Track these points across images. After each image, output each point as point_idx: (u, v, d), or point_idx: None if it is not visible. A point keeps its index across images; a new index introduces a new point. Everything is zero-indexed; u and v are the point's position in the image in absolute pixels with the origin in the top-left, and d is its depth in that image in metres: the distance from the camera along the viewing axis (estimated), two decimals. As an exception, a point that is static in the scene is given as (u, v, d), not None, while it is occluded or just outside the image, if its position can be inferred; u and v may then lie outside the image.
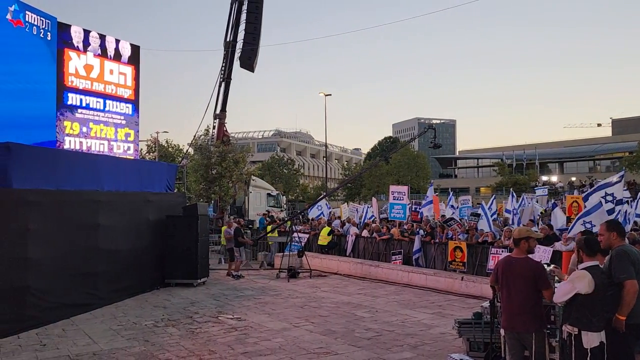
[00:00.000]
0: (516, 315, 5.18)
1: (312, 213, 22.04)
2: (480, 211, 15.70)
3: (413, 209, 18.20)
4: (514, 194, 20.39)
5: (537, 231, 7.01)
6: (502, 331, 5.92)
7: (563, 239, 12.03)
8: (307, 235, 18.84)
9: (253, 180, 27.18)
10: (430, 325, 9.34)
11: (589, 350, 4.79)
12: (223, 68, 23.58)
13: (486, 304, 7.15)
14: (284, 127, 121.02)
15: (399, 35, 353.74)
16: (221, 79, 23.80)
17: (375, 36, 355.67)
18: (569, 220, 13.23)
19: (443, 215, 18.83)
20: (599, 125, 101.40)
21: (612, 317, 5.11)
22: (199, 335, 8.57)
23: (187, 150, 29.94)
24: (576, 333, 4.88)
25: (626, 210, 13.26)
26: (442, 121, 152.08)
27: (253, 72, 23.18)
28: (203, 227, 14.09)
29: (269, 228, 19.36)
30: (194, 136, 24.88)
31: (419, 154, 68.66)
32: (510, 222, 16.85)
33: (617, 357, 5.05)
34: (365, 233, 17.65)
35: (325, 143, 58.21)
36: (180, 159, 28.40)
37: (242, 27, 22.92)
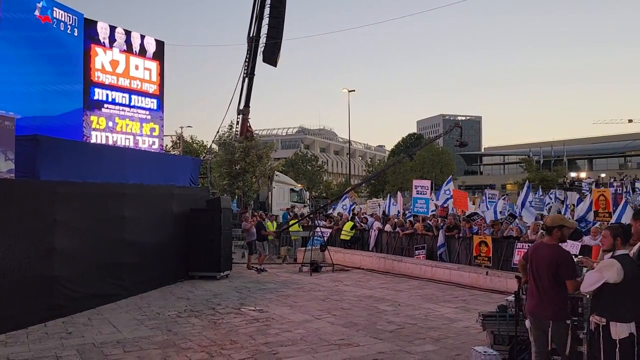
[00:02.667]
0: (538, 302, 5.14)
1: (338, 209, 22.02)
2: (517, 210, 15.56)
3: (442, 205, 17.99)
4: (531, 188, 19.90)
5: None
6: (527, 323, 5.81)
7: (592, 234, 11.76)
8: (329, 230, 18.81)
9: (276, 175, 27.27)
10: (454, 319, 9.21)
11: (617, 341, 4.65)
12: (246, 63, 23.70)
13: (511, 297, 7.02)
14: (308, 124, 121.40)
15: (423, 31, 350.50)
16: (244, 75, 23.93)
17: (399, 30, 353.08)
18: (596, 214, 12.91)
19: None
20: (630, 121, 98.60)
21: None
22: (220, 326, 8.63)
23: (210, 146, 30.23)
24: (604, 324, 4.75)
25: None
26: (467, 118, 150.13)
27: (275, 66, 23.23)
28: (226, 220, 14.18)
29: (292, 222, 19.39)
30: (217, 131, 25.08)
31: (443, 150, 67.96)
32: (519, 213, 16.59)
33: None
34: (388, 228, 17.53)
35: (349, 140, 58.10)
36: (204, 154, 28.61)
37: (265, 21, 22.99)
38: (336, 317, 9.29)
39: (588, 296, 5.10)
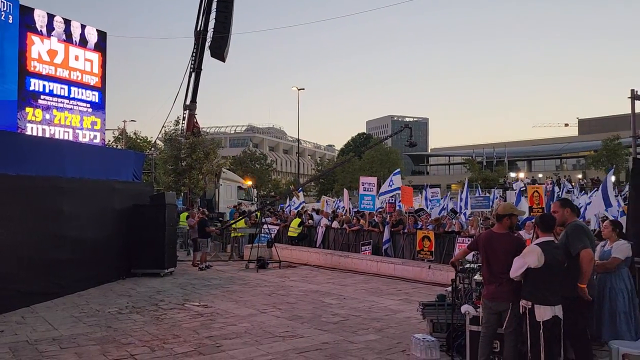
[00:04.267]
0: (498, 286, 5.33)
1: (292, 206, 22.03)
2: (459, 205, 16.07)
3: (389, 201, 18.34)
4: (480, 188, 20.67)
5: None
6: (463, 308, 6.04)
7: (526, 228, 12.32)
8: (277, 227, 18.78)
9: (224, 172, 26.91)
10: (397, 310, 9.43)
11: (541, 323, 4.92)
12: (193, 58, 23.27)
13: (449, 288, 7.26)
14: (257, 122, 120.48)
15: (371, 31, 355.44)
16: (191, 69, 23.49)
17: (349, 31, 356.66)
18: (531, 210, 13.53)
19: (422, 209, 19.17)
20: (566, 125, 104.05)
21: (570, 291, 5.28)
22: (163, 322, 8.45)
23: (155, 141, 29.46)
24: (530, 307, 5.01)
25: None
26: (415, 119, 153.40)
27: (224, 61, 22.92)
28: (171, 217, 13.89)
29: (235, 220, 19.15)
30: (163, 127, 24.49)
31: (391, 150, 69.16)
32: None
33: (573, 330, 5.20)
34: (335, 224, 17.69)
35: (298, 138, 58.16)
36: (148, 150, 27.86)
37: (212, 15, 22.64)
38: (281, 311, 9.31)
39: (517, 279, 5.36)
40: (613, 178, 40.17)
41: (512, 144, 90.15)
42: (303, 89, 47.40)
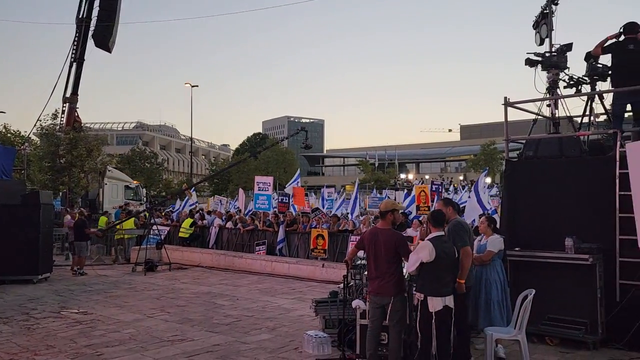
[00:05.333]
0: (381, 281, 5.48)
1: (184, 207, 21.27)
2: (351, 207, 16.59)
3: (280, 201, 18.33)
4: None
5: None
6: (354, 303, 6.15)
7: (413, 226, 12.98)
8: (167, 228, 18.00)
9: (109, 171, 25.27)
10: (290, 309, 9.42)
11: (433, 313, 5.16)
12: (75, 46, 21.55)
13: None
14: (148, 119, 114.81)
15: (269, 30, 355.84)
16: (72, 59, 21.75)
17: (245, 29, 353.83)
18: (418, 208, 14.26)
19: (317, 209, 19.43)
20: (449, 130, 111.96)
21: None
22: (35, 332, 7.68)
23: (29, 136, 26.90)
24: (422, 299, 5.24)
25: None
26: (311, 120, 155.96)
27: (110, 52, 21.49)
28: (46, 218, 12.72)
29: (119, 221, 18.01)
30: (38, 120, 22.39)
31: (287, 150, 69.61)
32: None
33: (458, 318, 5.51)
34: (229, 224, 17.36)
35: (191, 137, 56.48)
36: (21, 145, 25.26)
37: (96, 2, 21.14)
38: (170, 315, 8.89)
39: (413, 274, 5.57)
40: (488, 180, 43.77)
41: (402, 147, 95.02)
42: (197, 86, 46.12)
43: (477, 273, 6.40)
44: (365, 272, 6.50)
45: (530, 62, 8.40)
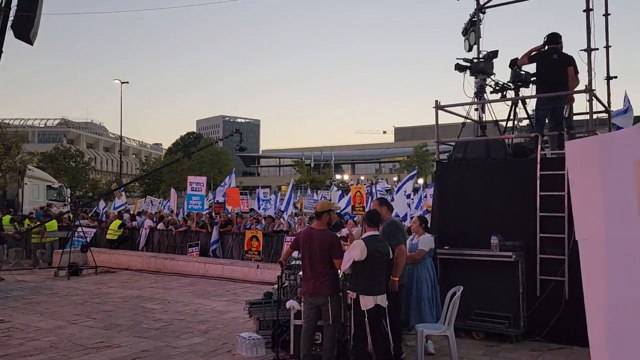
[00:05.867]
0: (316, 281, 5.49)
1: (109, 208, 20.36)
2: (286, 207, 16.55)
3: (215, 201, 18.01)
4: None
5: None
6: (288, 304, 6.12)
7: (348, 225, 13.13)
8: (94, 230, 17.17)
9: (30, 170, 23.77)
10: (224, 311, 9.25)
11: (365, 311, 5.22)
12: (-8, 37, 20.07)
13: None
14: (73, 116, 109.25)
15: (203, 28, 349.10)
16: (-11, 50, 20.23)
17: (182, 22, 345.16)
18: (354, 208, 14.46)
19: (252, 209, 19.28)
20: (384, 132, 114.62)
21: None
22: (-59, 344, 7.06)
23: None
24: (355, 297, 5.29)
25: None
26: (247, 120, 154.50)
27: (32, 44, 20.13)
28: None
29: (37, 225, 16.91)
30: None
31: (222, 150, 68.53)
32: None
33: (391, 315, 5.61)
34: (161, 226, 16.82)
35: (120, 135, 54.32)
36: None
37: (17, -10, 19.79)
38: (96, 321, 8.46)
39: (347, 272, 5.62)
40: (420, 181, 45.05)
41: (337, 148, 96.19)
42: (127, 83, 44.36)
43: (409, 271, 6.54)
44: (300, 273, 6.49)
45: (459, 68, 8.72)
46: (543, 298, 6.98)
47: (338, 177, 68.99)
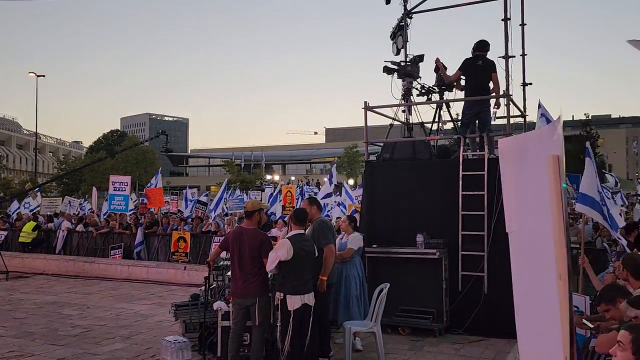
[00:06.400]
0: (245, 282, 5.39)
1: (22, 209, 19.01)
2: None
3: (141, 202, 17.36)
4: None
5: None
6: (215, 305, 5.99)
7: (278, 226, 13.10)
8: (5, 232, 16.02)
9: None
10: (148, 315, 8.91)
11: (292, 312, 5.19)
12: None
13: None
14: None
15: (130, 24, 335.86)
16: None
17: (105, 13, 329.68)
18: (284, 208, 14.44)
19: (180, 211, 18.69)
20: (315, 133, 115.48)
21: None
22: None
23: None
24: (282, 298, 5.24)
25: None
26: (175, 119, 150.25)
27: None
28: None
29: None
30: None
31: (148, 149, 66.11)
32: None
33: (319, 314, 5.63)
34: (80, 227, 15.96)
35: (36, 132, 51.14)
36: None
37: None
38: (6, 329, 7.87)
39: (273, 272, 5.57)
40: (351, 181, 45.69)
41: (268, 148, 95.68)
42: (43, 76, 41.76)
43: (338, 270, 6.60)
44: (229, 273, 6.37)
45: (387, 70, 8.93)
46: (464, 293, 7.29)
47: (269, 177, 68.66)
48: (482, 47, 8.22)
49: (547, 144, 1.91)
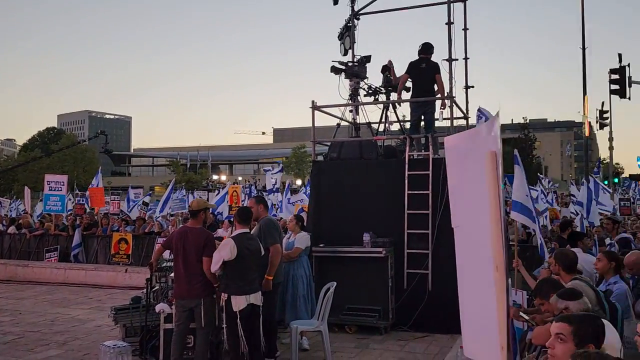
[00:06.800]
0: (189, 283, 5.25)
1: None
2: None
3: (78, 202, 16.63)
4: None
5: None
6: (158, 307, 5.80)
7: (224, 226, 12.90)
8: None
9: None
10: (86, 320, 8.53)
11: (237, 312, 5.10)
12: None
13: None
14: None
15: (72, 12, 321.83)
16: None
17: (43, 6, 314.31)
18: (231, 208, 14.21)
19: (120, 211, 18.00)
20: (263, 133, 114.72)
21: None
22: None
23: None
24: (226, 298, 5.14)
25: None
26: (116, 117, 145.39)
27: None
28: None
29: None
30: None
31: (87, 148, 63.59)
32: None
33: (265, 314, 5.55)
34: (12, 229, 15.10)
35: (-34, 128, 47.95)
36: None
37: None
38: None
39: (217, 273, 5.45)
40: (299, 181, 45.64)
41: (215, 148, 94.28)
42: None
43: (285, 269, 6.55)
44: (172, 274, 6.19)
45: (335, 70, 8.97)
46: (409, 290, 7.41)
47: (215, 177, 67.63)
48: (426, 49, 8.41)
49: (486, 140, 1.96)
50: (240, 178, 63.88)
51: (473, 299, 2.08)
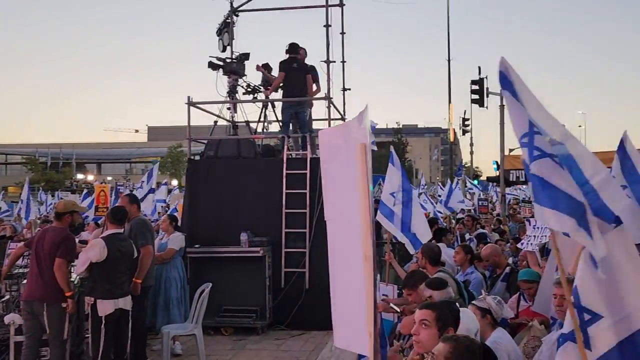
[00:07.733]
0: (36, 283, 4.83)
1: None
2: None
3: None
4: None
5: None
6: (7, 318, 5.24)
7: (89, 229, 12.02)
8: None
9: None
10: None
11: (103, 317, 4.75)
12: None
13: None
14: None
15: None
16: None
17: None
18: (97, 209, 13.24)
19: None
20: (136, 131, 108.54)
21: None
22: None
23: None
24: (92, 303, 4.78)
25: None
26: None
27: None
28: None
29: None
30: None
31: None
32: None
33: (134, 319, 5.22)
34: None
35: None
36: None
37: None
38: None
39: (82, 275, 5.05)
40: (175, 182, 44.03)
41: (80, 146, 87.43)
42: None
43: (157, 271, 6.25)
44: (24, 281, 5.58)
45: (212, 66, 8.74)
46: (287, 289, 7.44)
47: (80, 177, 62.70)
48: (293, 49, 8.51)
49: (356, 133, 2.02)
50: (110, 178, 59.92)
51: (343, 289, 2.12)
